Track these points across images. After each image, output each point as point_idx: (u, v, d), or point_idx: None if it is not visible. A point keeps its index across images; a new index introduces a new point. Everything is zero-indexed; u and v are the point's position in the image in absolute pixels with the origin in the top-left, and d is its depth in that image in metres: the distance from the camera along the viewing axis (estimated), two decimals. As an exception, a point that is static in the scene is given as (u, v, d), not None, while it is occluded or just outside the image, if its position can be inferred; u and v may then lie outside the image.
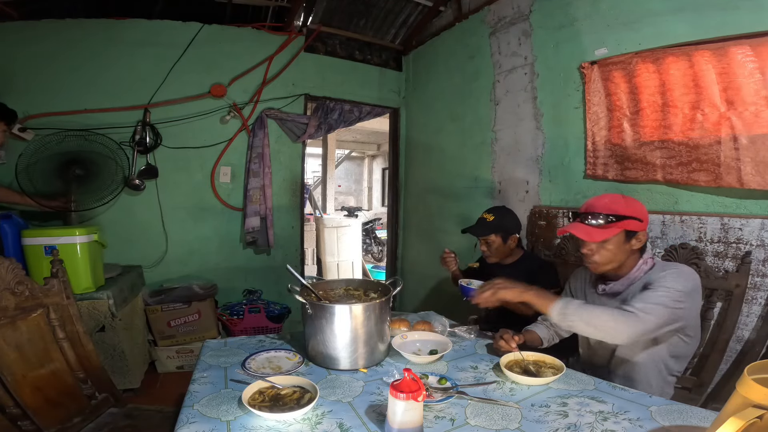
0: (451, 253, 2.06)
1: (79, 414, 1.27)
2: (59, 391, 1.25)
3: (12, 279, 1.19)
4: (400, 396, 0.83)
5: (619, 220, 1.28)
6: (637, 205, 1.32)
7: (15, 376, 1.13)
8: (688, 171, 1.70)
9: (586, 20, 2.10)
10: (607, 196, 1.36)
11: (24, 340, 1.19)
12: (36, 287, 1.27)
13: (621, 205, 1.30)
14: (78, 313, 1.36)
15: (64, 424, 1.21)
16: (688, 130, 1.69)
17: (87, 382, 1.35)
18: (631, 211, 1.29)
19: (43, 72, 2.61)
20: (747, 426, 0.59)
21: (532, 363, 1.22)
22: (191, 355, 2.66)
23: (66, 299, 1.33)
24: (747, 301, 1.51)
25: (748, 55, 1.50)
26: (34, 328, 1.23)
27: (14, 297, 1.19)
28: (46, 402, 1.19)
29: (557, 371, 1.16)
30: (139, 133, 2.76)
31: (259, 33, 3.13)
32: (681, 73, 1.69)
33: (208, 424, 0.90)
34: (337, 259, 5.79)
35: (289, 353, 1.31)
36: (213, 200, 3.10)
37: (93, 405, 1.33)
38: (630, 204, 1.31)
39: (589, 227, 1.30)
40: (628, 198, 1.35)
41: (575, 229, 1.33)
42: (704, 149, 1.64)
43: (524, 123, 2.49)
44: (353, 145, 10.32)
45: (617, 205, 1.30)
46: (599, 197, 1.36)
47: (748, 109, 1.51)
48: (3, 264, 1.16)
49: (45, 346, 1.25)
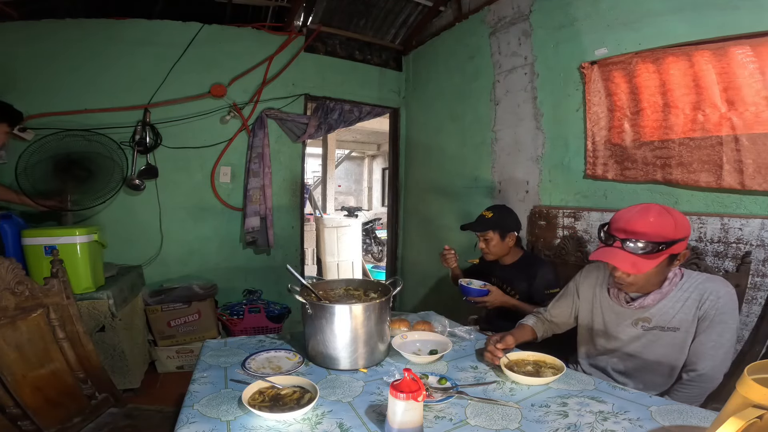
0: (451, 250, 2.05)
1: (79, 414, 1.27)
2: (59, 391, 1.25)
3: (12, 279, 1.19)
4: (400, 396, 0.82)
5: (669, 247, 1.11)
6: (685, 222, 1.14)
7: (15, 376, 1.12)
8: (689, 171, 1.70)
9: (586, 20, 2.10)
10: (651, 212, 1.13)
11: (24, 340, 1.19)
12: (36, 287, 1.26)
13: (670, 226, 1.11)
14: (78, 313, 1.36)
15: (64, 424, 1.20)
16: (688, 131, 1.69)
17: (87, 382, 1.35)
18: (681, 231, 1.12)
19: (43, 72, 2.61)
20: (747, 426, 0.59)
21: (532, 363, 1.22)
22: (191, 355, 2.66)
23: (66, 299, 1.33)
24: (747, 301, 1.51)
25: (748, 55, 1.50)
26: (34, 328, 1.23)
27: (14, 297, 1.19)
28: (46, 402, 1.19)
29: (557, 371, 1.16)
30: (139, 133, 2.76)
31: (259, 33, 3.13)
32: (681, 73, 1.69)
33: (208, 424, 0.90)
34: (337, 259, 5.79)
35: (289, 353, 1.31)
36: (213, 200, 3.10)
37: (93, 405, 1.33)
38: (679, 222, 1.12)
39: (633, 256, 1.12)
40: (674, 212, 1.15)
41: (615, 259, 1.13)
42: (705, 150, 1.64)
43: (524, 123, 2.49)
44: (353, 145, 10.32)
45: (666, 228, 1.11)
46: (641, 212, 1.14)
47: (749, 110, 1.51)
48: (3, 264, 1.16)
49: (45, 346, 1.25)
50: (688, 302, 1.20)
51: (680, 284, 1.21)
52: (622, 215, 1.18)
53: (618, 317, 1.31)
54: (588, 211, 2.08)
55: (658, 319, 1.23)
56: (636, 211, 1.16)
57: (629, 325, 1.28)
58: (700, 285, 1.20)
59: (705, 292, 1.18)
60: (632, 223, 1.13)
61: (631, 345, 1.29)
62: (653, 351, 1.25)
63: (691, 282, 1.21)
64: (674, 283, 1.21)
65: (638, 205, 1.19)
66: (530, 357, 1.24)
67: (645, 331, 1.25)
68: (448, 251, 2.05)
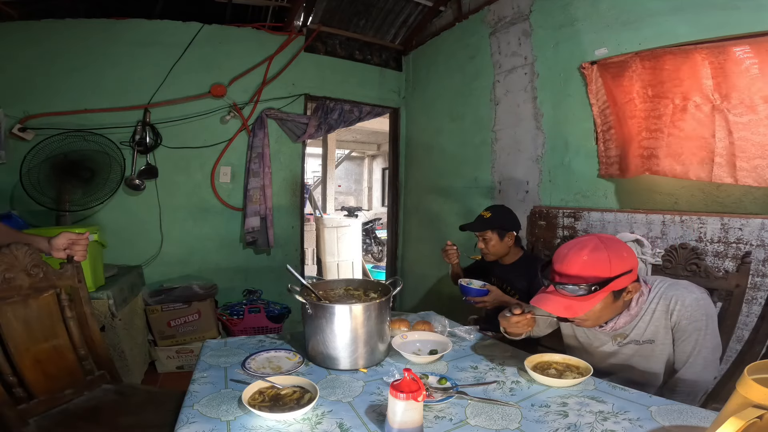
0: (454, 246, 2.05)
1: (72, 387, 1.31)
2: (59, 366, 1.30)
3: (29, 262, 1.27)
4: (400, 396, 0.82)
5: (603, 286, 1.06)
6: (623, 255, 1.09)
7: (18, 348, 1.19)
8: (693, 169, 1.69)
9: (586, 20, 2.10)
10: (585, 249, 1.08)
11: (33, 317, 1.26)
12: (50, 270, 1.33)
13: (604, 263, 1.06)
14: (88, 296, 1.43)
15: (54, 394, 1.25)
16: (689, 129, 1.69)
17: (88, 359, 1.40)
18: (618, 267, 1.06)
19: (43, 72, 2.61)
20: (747, 426, 0.59)
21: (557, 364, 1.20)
22: (191, 355, 2.66)
23: (78, 282, 1.40)
24: (747, 301, 1.50)
25: (748, 54, 1.49)
26: (43, 306, 1.30)
27: (29, 278, 1.26)
28: (44, 375, 1.25)
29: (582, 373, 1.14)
30: (139, 133, 2.76)
31: (259, 33, 3.13)
32: (681, 72, 1.69)
33: (208, 424, 0.90)
34: (337, 259, 5.78)
35: (289, 353, 1.31)
36: (213, 200, 3.10)
37: (88, 380, 1.37)
38: (615, 256, 1.07)
39: (567, 299, 1.08)
40: (610, 245, 1.09)
41: (548, 305, 1.10)
42: (709, 147, 1.64)
43: (524, 123, 2.49)
44: (353, 145, 10.32)
45: (598, 266, 1.06)
46: (575, 250, 1.10)
47: (749, 108, 1.51)
48: (21, 249, 1.24)
49: (52, 324, 1.31)
50: (657, 313, 1.18)
51: (648, 299, 1.19)
52: (559, 254, 1.13)
53: (595, 336, 1.30)
54: (588, 211, 2.08)
55: (632, 335, 1.22)
56: (571, 249, 1.11)
57: (607, 342, 1.28)
58: (664, 293, 1.17)
59: (670, 300, 1.15)
60: (565, 264, 1.09)
61: (611, 360, 1.29)
62: (636, 364, 1.24)
63: (655, 292, 1.19)
64: (642, 302, 1.18)
65: (579, 238, 1.15)
66: (555, 358, 1.22)
67: (621, 346, 1.25)
68: (450, 247, 2.05)
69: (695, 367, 1.15)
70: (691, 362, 1.15)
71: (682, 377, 1.17)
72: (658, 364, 1.22)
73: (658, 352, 1.21)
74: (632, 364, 1.25)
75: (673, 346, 1.19)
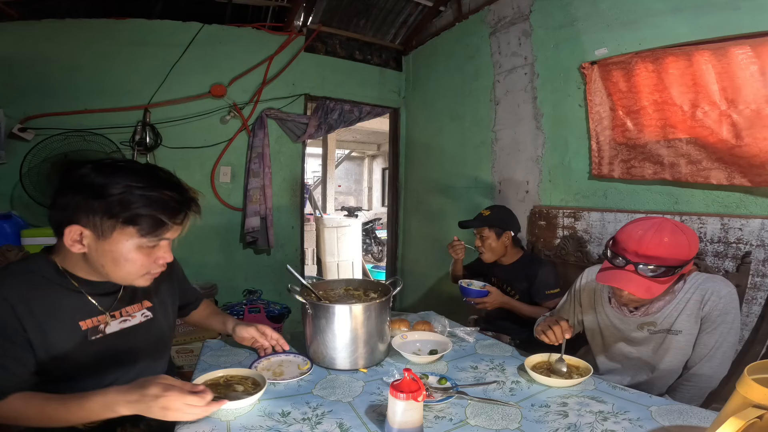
0: (461, 241, 2.07)
1: None
2: None
3: None
4: (400, 396, 0.82)
5: (683, 267, 1.08)
6: (696, 240, 1.11)
7: None
8: (694, 170, 1.69)
9: (586, 20, 2.10)
10: (664, 232, 1.08)
11: None
12: None
13: (685, 247, 1.07)
14: None
15: None
16: (690, 129, 1.69)
17: None
18: (695, 250, 1.09)
19: (43, 72, 2.61)
20: (747, 426, 0.59)
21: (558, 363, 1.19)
22: (191, 355, 2.66)
23: None
24: (747, 301, 1.51)
25: (748, 54, 1.50)
26: None
27: None
28: None
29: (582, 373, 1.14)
30: (139, 133, 2.75)
31: (259, 33, 3.13)
32: (681, 72, 1.69)
33: (208, 424, 0.90)
34: (337, 259, 5.78)
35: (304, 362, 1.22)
36: (213, 200, 3.10)
37: None
38: (692, 241, 1.09)
39: (647, 280, 1.07)
40: (686, 229, 1.10)
41: (630, 286, 1.09)
42: (708, 148, 1.64)
43: (524, 123, 2.49)
44: (353, 145, 10.33)
45: (681, 249, 1.07)
46: (653, 232, 1.08)
47: (749, 108, 1.51)
48: (12, 251, 1.26)
49: None
50: (690, 303, 1.19)
51: (685, 288, 1.21)
52: (631, 235, 1.11)
53: (622, 322, 1.30)
54: (588, 211, 2.08)
55: (662, 323, 1.22)
56: (648, 231, 1.09)
57: (635, 330, 1.27)
58: (701, 285, 1.19)
59: (706, 292, 1.17)
60: (645, 246, 1.08)
61: (641, 349, 1.28)
62: (664, 356, 1.24)
63: (691, 283, 1.21)
64: (677, 289, 1.20)
65: (646, 220, 1.14)
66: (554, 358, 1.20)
67: (651, 334, 1.25)
68: (458, 242, 2.06)
69: (713, 361, 1.16)
70: (711, 356, 1.16)
71: (698, 372, 1.17)
72: (684, 357, 1.22)
73: (683, 344, 1.21)
74: (663, 356, 1.24)
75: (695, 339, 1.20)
